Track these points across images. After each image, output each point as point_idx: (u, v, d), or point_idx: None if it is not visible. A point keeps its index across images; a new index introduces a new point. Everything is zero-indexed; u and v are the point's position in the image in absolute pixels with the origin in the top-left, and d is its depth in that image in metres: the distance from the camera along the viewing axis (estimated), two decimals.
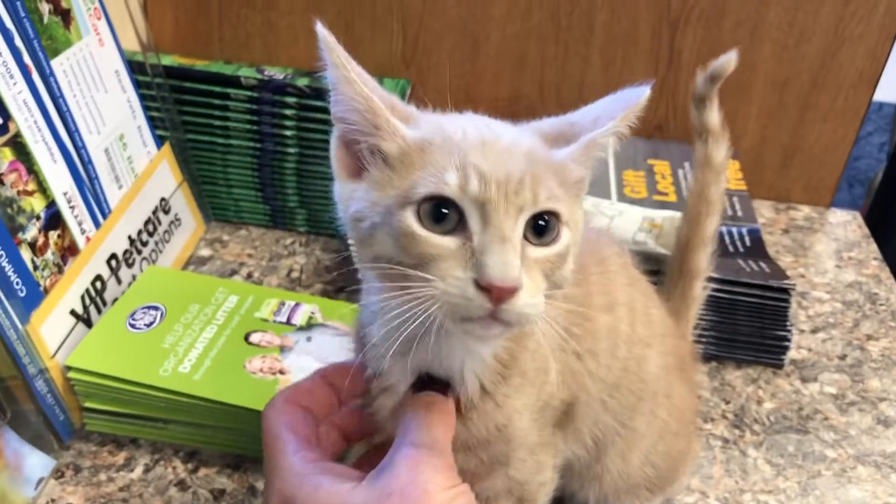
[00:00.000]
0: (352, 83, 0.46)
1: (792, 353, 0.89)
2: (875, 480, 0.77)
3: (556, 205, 0.45)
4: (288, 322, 0.79)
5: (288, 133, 0.95)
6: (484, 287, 0.42)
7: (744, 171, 1.08)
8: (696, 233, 0.75)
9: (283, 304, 0.81)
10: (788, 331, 0.86)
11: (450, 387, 0.52)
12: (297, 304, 0.81)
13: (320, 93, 0.93)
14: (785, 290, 0.84)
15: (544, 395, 0.55)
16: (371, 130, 0.46)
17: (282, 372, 0.73)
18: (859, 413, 0.84)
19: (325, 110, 0.94)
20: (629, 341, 0.59)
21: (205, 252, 0.98)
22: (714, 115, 0.75)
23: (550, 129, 0.49)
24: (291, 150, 0.96)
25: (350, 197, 0.48)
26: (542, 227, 0.45)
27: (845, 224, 1.12)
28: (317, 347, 0.76)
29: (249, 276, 0.94)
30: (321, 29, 0.46)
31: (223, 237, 1.00)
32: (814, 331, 0.94)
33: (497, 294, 0.42)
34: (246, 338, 0.77)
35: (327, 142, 0.95)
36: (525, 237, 0.44)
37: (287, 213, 1.01)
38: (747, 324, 0.86)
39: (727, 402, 0.84)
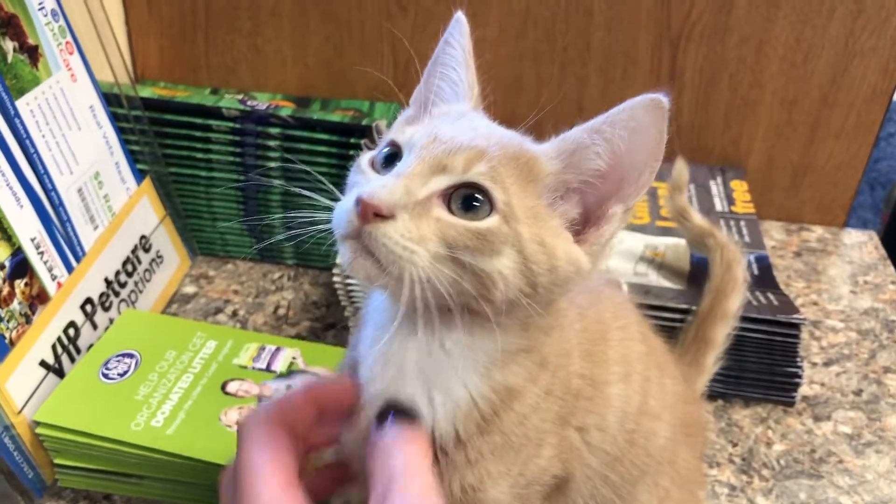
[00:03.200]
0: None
1: (804, 389, 0.85)
2: None
3: (486, 182, 0.43)
4: (268, 369, 0.75)
5: (272, 165, 0.91)
6: (358, 203, 0.41)
7: (752, 193, 1.03)
8: (718, 306, 0.75)
9: (263, 348, 0.77)
10: (799, 367, 0.82)
11: (417, 420, 0.47)
12: (277, 349, 0.77)
13: (304, 123, 0.90)
14: (795, 325, 0.79)
15: (531, 470, 0.50)
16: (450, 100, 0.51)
17: None
18: (876, 455, 0.79)
19: (310, 140, 0.91)
20: (640, 413, 0.55)
21: (189, 289, 0.94)
22: (698, 218, 0.82)
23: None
24: (276, 183, 0.92)
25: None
26: (468, 201, 0.43)
27: (861, 245, 1.07)
28: None
29: (235, 314, 0.91)
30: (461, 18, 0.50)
31: (209, 272, 0.97)
32: (827, 363, 0.89)
33: (362, 211, 0.41)
34: (223, 387, 0.73)
35: (311, 173, 0.93)
36: (447, 204, 0.43)
37: (274, 247, 0.97)
38: (755, 360, 0.81)
39: (734, 445, 0.79)
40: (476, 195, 0.43)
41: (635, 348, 0.56)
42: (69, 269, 0.76)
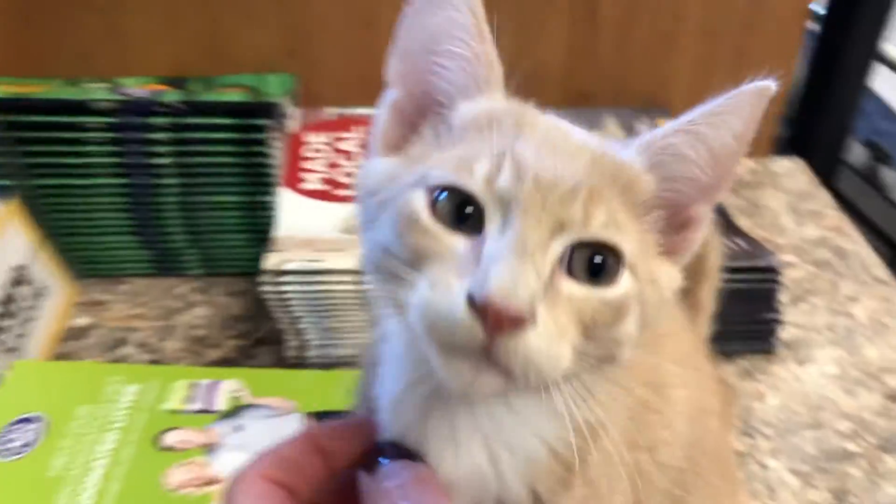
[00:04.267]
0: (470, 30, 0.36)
1: (780, 333, 0.80)
2: None
3: (614, 236, 0.33)
4: (207, 409, 0.62)
5: (162, 161, 0.77)
6: (479, 307, 0.29)
7: None
8: (698, 265, 0.66)
9: (195, 385, 0.64)
10: (778, 312, 0.77)
11: (416, 457, 0.37)
12: (214, 384, 0.64)
13: (198, 108, 0.76)
14: (773, 270, 0.74)
15: None
16: (468, 91, 0.37)
17: (211, 482, 0.57)
18: (867, 393, 0.75)
19: (207, 128, 0.77)
20: (699, 409, 0.48)
21: (82, 320, 0.79)
22: None
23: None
24: (170, 181, 0.78)
25: (377, 171, 0.37)
26: (595, 264, 0.33)
27: (792, 173, 1.04)
28: (251, 438, 0.61)
29: (143, 344, 0.77)
30: None
31: (102, 298, 0.82)
32: (794, 301, 0.85)
33: (494, 319, 0.29)
34: (158, 442, 0.60)
35: (213, 165, 0.79)
36: (567, 269, 0.32)
37: (175, 257, 0.83)
38: (734, 311, 0.75)
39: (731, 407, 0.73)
40: (600, 251, 0.33)
41: (681, 336, 0.48)
42: None
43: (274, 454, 0.38)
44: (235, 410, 0.63)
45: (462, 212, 0.33)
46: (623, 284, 0.33)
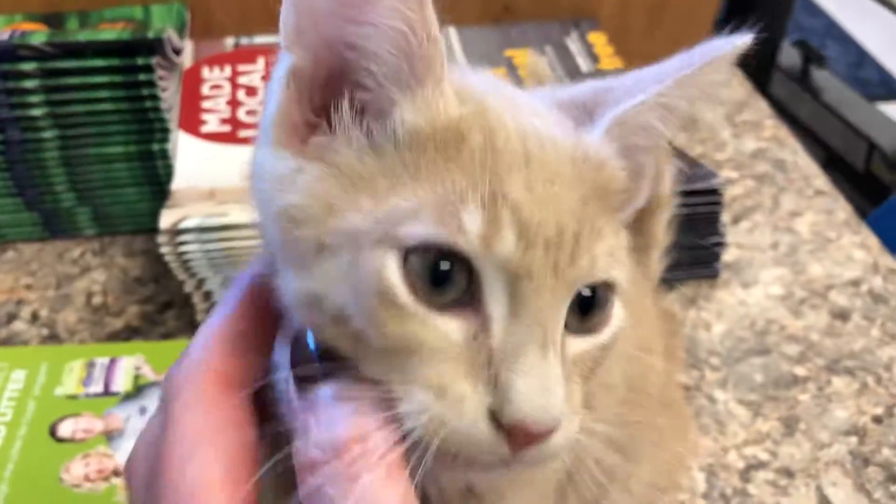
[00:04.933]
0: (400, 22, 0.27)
1: (723, 255, 0.76)
2: (854, 392, 0.66)
3: (614, 270, 0.28)
4: (106, 392, 0.56)
5: (36, 112, 0.68)
6: (507, 428, 0.26)
7: (611, 43, 0.91)
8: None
9: (91, 364, 0.58)
10: (722, 235, 0.73)
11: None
12: (112, 361, 0.58)
13: (69, 49, 0.66)
14: (714, 192, 0.70)
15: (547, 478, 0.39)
16: (399, 78, 0.28)
17: (115, 473, 0.52)
18: (813, 311, 0.73)
19: (83, 71, 0.68)
20: (638, 350, 0.44)
21: None
22: None
23: (573, 98, 0.31)
24: (48, 135, 0.69)
25: (289, 178, 0.29)
26: (589, 302, 0.28)
27: (727, 82, 0.99)
28: None
29: (35, 316, 0.69)
30: None
31: None
32: (736, 220, 0.81)
33: (524, 439, 0.26)
34: (52, 432, 0.54)
35: (95, 113, 0.70)
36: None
37: (65, 217, 0.75)
38: (677, 238, 0.72)
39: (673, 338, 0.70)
40: (597, 287, 0.28)
41: None
42: None
43: (220, 327, 0.31)
44: (138, 390, 0.56)
45: (438, 271, 0.26)
46: (616, 320, 0.29)
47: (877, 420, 0.64)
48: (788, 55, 1.47)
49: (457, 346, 0.26)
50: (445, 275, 0.26)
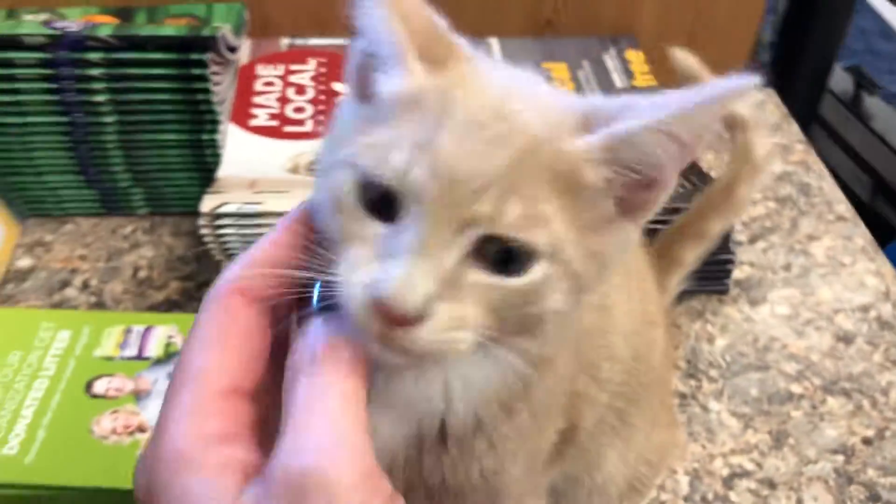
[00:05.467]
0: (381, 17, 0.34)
1: (735, 273, 0.79)
2: (847, 413, 0.68)
3: (527, 233, 0.32)
4: (140, 356, 0.62)
5: (99, 98, 0.75)
6: (373, 305, 0.31)
7: (648, 61, 0.94)
8: (698, 223, 0.66)
9: (129, 331, 0.63)
10: (732, 253, 0.75)
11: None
12: (148, 329, 0.64)
13: (131, 42, 0.73)
14: None
15: (545, 440, 0.44)
16: (380, 58, 0.35)
17: (141, 429, 0.57)
18: (817, 333, 0.75)
19: (143, 63, 0.74)
20: (643, 322, 0.49)
21: (25, 262, 0.78)
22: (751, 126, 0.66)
23: (602, 107, 0.35)
24: (109, 120, 0.76)
25: (345, 116, 0.37)
26: (504, 255, 0.32)
27: (762, 105, 1.01)
28: None
29: (86, 285, 0.76)
30: None
31: (45, 238, 0.80)
32: (752, 240, 0.83)
33: (385, 318, 0.31)
34: (88, 388, 0.60)
35: (152, 102, 0.77)
36: (477, 258, 0.32)
37: (120, 196, 0.82)
38: None
39: (676, 348, 0.73)
40: (510, 246, 0.32)
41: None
42: None
43: (251, 260, 0.37)
44: (168, 357, 0.62)
45: (378, 195, 0.33)
46: (533, 274, 0.33)
47: (866, 441, 0.66)
48: (841, 79, 1.47)
49: (374, 240, 0.33)
50: (378, 192, 0.33)
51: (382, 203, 0.33)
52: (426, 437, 0.40)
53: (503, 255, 0.32)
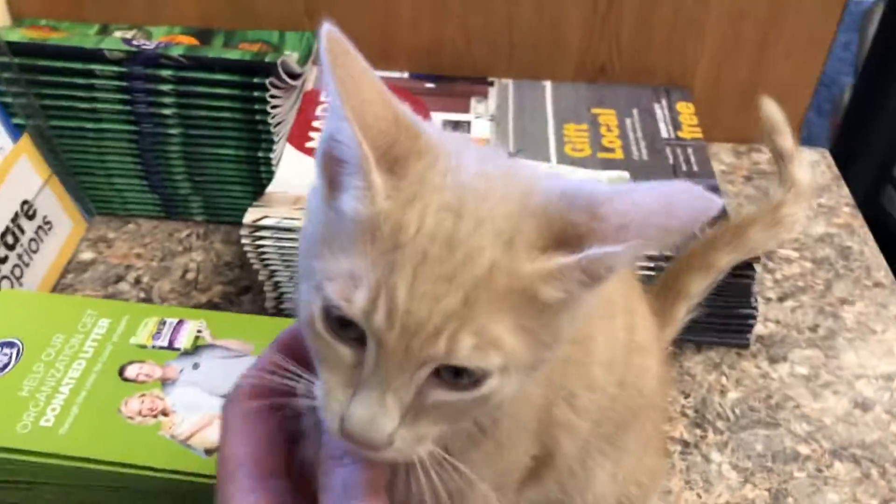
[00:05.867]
0: (342, 119, 0.34)
1: (759, 328, 0.79)
2: (854, 480, 0.68)
3: (479, 360, 0.34)
4: (170, 346, 0.67)
5: (167, 112, 0.81)
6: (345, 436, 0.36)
7: (699, 114, 0.95)
8: (705, 257, 0.67)
9: (163, 323, 0.68)
10: (754, 308, 0.76)
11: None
12: (180, 322, 0.68)
13: (200, 63, 0.79)
14: (749, 266, 0.73)
15: (514, 462, 0.46)
16: (348, 168, 0.35)
17: (164, 413, 0.62)
18: (834, 397, 0.74)
19: (209, 82, 0.81)
20: (628, 352, 0.50)
21: (87, 255, 0.85)
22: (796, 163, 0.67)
23: (560, 211, 0.34)
24: (174, 132, 0.82)
25: (311, 203, 0.38)
26: (459, 371, 0.35)
27: (813, 165, 1.01)
28: (204, 376, 0.65)
29: (138, 281, 0.82)
30: (328, 31, 0.36)
31: (108, 234, 0.87)
32: (781, 298, 0.83)
33: (358, 446, 0.36)
34: (121, 372, 0.65)
35: (215, 119, 0.83)
36: (434, 377, 0.35)
37: (180, 202, 0.88)
38: (708, 303, 0.75)
39: (686, 396, 0.74)
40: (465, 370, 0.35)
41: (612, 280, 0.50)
42: None
43: (254, 370, 0.43)
44: (195, 349, 0.67)
45: (344, 321, 0.35)
46: (488, 386, 0.35)
47: None
48: None
49: (345, 366, 0.36)
50: (346, 323, 0.35)
51: (350, 322, 0.35)
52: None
53: (458, 371, 0.35)
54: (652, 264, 0.73)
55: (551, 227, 0.34)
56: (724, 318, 0.77)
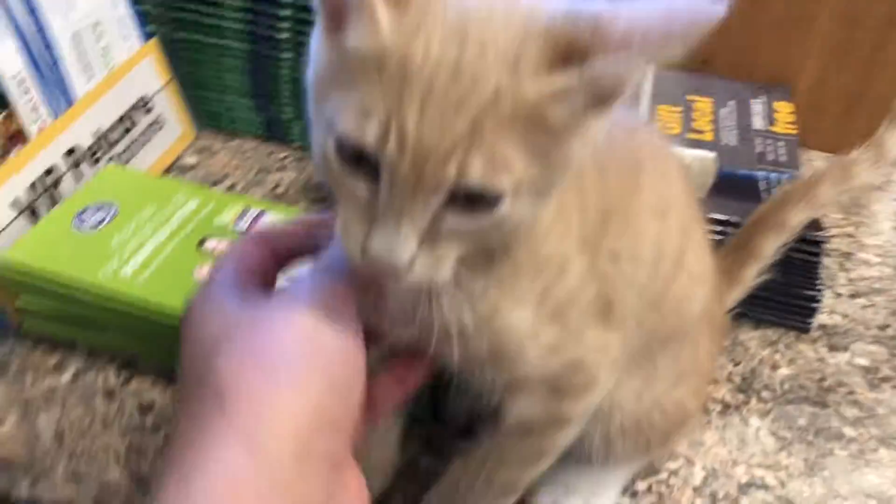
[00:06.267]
0: None
1: (823, 318, 0.78)
2: None
3: (490, 181, 0.35)
4: (247, 231, 0.72)
5: (283, 36, 0.87)
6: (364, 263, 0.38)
7: (798, 116, 0.95)
8: (777, 214, 0.68)
9: (246, 210, 0.74)
10: (818, 290, 0.75)
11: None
12: (261, 212, 0.74)
13: None
14: (817, 243, 0.73)
15: (560, 291, 0.45)
16: (354, 6, 0.35)
17: None
18: (892, 390, 0.72)
19: None
20: (677, 264, 0.51)
21: (190, 160, 0.91)
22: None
23: (572, 18, 0.34)
24: (286, 56, 0.88)
25: (315, 52, 0.39)
26: (472, 197, 0.36)
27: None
28: None
29: (232, 187, 0.88)
30: None
31: (214, 146, 0.94)
32: (853, 296, 0.82)
33: (380, 272, 0.38)
34: (200, 244, 0.70)
35: None
36: (449, 203, 0.36)
37: (282, 125, 0.94)
38: (772, 279, 0.75)
39: (736, 364, 0.73)
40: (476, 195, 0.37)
41: (675, 191, 0.52)
42: (55, 114, 0.74)
43: (230, 252, 0.47)
44: None
45: (357, 155, 0.36)
46: (501, 209, 0.36)
47: None
48: None
49: (362, 201, 0.37)
50: (359, 158, 0.36)
51: (363, 155, 0.36)
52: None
53: (472, 196, 0.36)
54: (719, 228, 0.74)
55: (556, 47, 0.33)
56: (788, 298, 0.76)
